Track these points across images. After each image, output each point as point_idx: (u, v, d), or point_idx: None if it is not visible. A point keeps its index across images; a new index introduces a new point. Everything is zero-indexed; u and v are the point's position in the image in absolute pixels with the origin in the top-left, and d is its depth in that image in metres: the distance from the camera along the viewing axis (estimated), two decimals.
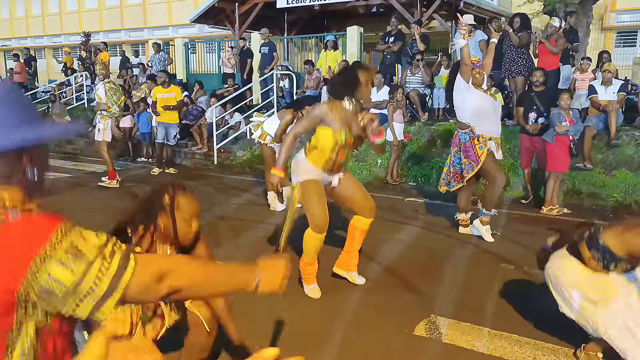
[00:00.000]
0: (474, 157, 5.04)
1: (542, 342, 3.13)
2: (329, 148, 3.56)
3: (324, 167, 3.64)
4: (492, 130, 5.10)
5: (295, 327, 3.35)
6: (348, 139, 3.55)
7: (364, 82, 3.55)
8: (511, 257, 4.80)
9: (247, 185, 8.43)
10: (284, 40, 15.10)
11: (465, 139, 5.09)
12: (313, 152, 3.64)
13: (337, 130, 3.51)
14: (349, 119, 3.56)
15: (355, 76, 3.55)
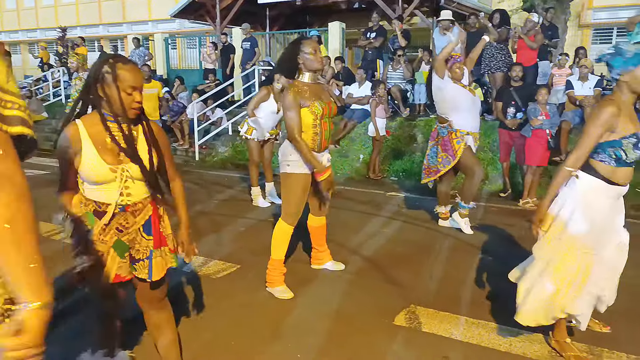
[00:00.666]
0: (452, 151, 5.12)
1: (517, 329, 3.20)
2: (311, 124, 3.57)
3: (314, 146, 3.62)
4: (470, 125, 5.16)
5: (276, 318, 3.38)
6: (324, 107, 3.57)
7: (309, 52, 3.51)
8: (489, 249, 4.89)
9: (229, 181, 8.42)
10: (266, 36, 15.07)
11: (444, 133, 5.16)
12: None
13: (310, 104, 3.53)
14: (313, 90, 3.57)
15: (297, 49, 3.54)
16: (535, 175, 6.72)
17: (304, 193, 3.68)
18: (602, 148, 2.62)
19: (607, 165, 2.62)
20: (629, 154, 2.57)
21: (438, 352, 2.97)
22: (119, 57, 2.16)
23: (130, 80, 2.11)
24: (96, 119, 2.14)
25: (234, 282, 4.02)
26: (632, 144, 2.55)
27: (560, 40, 10.32)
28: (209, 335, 3.13)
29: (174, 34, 18.99)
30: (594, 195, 2.66)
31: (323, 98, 3.62)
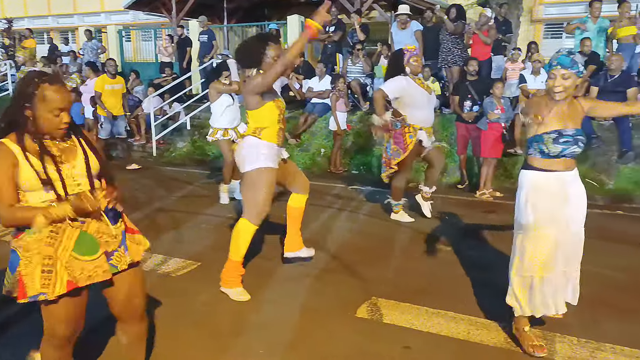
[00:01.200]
0: (403, 144, 5.22)
1: (475, 318, 3.30)
2: (276, 119, 3.57)
3: (278, 141, 3.62)
4: (423, 120, 5.27)
5: (238, 315, 3.37)
6: (283, 102, 3.63)
7: (272, 57, 3.46)
8: (448, 239, 5.00)
9: (188, 177, 8.29)
10: (224, 29, 14.86)
11: (397, 126, 5.24)
12: (265, 131, 3.57)
13: (276, 99, 3.54)
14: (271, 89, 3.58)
15: (262, 50, 3.48)
16: (490, 167, 6.91)
17: (271, 189, 3.62)
18: (530, 143, 2.87)
19: (538, 158, 2.85)
20: (550, 147, 2.77)
21: (399, 342, 3.02)
22: (44, 76, 2.08)
23: (57, 102, 2.05)
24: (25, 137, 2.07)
25: (195, 280, 3.97)
26: (552, 138, 2.76)
27: (513, 35, 10.60)
28: (170, 335, 3.09)
29: (128, 26, 18.48)
30: (538, 185, 2.85)
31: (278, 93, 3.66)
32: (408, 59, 5.19)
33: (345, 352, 2.93)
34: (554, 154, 2.78)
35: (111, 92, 8.76)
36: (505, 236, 4.81)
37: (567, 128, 2.78)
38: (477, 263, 4.34)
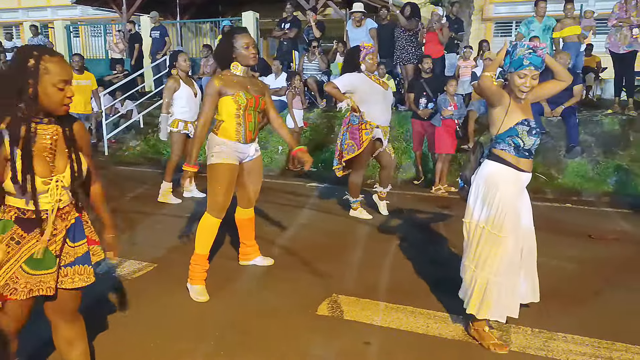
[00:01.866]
0: (358, 140, 5.24)
1: (433, 312, 3.36)
2: (233, 114, 3.53)
3: (237, 137, 3.57)
4: (380, 119, 5.30)
5: (197, 317, 3.31)
6: (249, 99, 3.53)
7: (241, 46, 3.49)
8: (405, 235, 5.07)
9: (142, 176, 8.09)
10: (177, 25, 14.56)
11: (355, 121, 5.26)
12: (221, 126, 3.57)
13: (235, 93, 3.49)
14: (242, 82, 3.55)
15: (231, 43, 3.52)
16: (445, 162, 7.05)
17: (230, 184, 3.59)
18: (502, 138, 2.84)
19: (509, 153, 2.84)
20: (526, 140, 2.79)
21: (360, 338, 3.04)
22: (43, 49, 1.98)
23: (61, 74, 1.96)
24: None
25: (151, 282, 3.87)
26: (525, 130, 2.79)
27: (465, 33, 10.84)
28: (125, 340, 3.00)
29: (76, 21, 17.83)
30: (499, 178, 2.84)
31: (251, 90, 3.58)
32: (364, 56, 5.22)
33: (306, 350, 2.92)
34: (529, 146, 2.81)
35: (77, 89, 8.30)
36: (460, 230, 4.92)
37: (530, 118, 2.82)
38: (434, 257, 4.42)
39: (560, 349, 2.91)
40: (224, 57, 3.60)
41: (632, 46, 7.84)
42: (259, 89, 3.67)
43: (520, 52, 2.80)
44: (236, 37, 3.51)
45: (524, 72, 2.79)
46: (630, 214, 6.02)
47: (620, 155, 7.31)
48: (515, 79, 2.82)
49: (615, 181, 7.12)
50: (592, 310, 3.44)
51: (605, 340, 2.99)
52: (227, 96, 3.51)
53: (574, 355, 2.85)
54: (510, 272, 2.86)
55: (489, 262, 2.84)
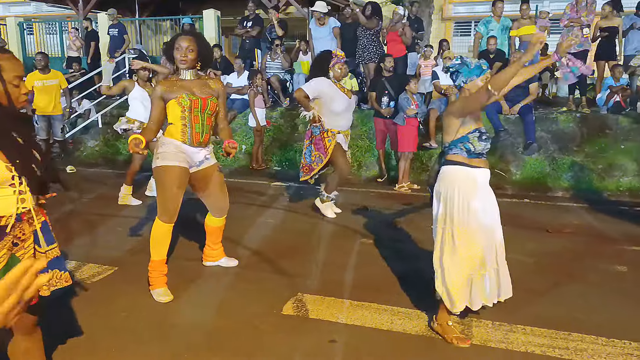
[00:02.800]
0: (323, 149, 5.29)
1: (397, 308, 3.40)
2: (178, 116, 3.48)
3: (182, 138, 3.50)
4: (342, 125, 5.36)
5: (161, 319, 3.25)
6: (193, 99, 3.47)
7: (175, 48, 3.45)
8: (369, 232, 5.11)
9: (101, 177, 7.89)
10: (136, 22, 14.24)
11: (316, 132, 5.30)
12: (168, 127, 3.55)
13: (178, 96, 3.45)
14: (187, 85, 3.50)
15: (172, 44, 3.49)
16: (407, 160, 7.14)
17: (179, 188, 3.49)
18: (454, 144, 2.95)
19: (461, 155, 2.96)
20: (476, 145, 2.92)
21: (325, 336, 3.05)
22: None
23: (15, 70, 1.92)
24: None
25: (112, 285, 3.78)
26: (477, 136, 2.92)
27: (425, 32, 11.00)
28: (86, 346, 2.92)
29: (30, 18, 17.23)
30: (455, 177, 2.95)
31: (196, 92, 3.51)
32: (334, 64, 5.24)
33: (272, 350, 2.91)
34: (479, 151, 2.93)
35: (43, 89, 7.95)
36: (424, 227, 5.00)
37: (482, 127, 2.96)
38: (398, 254, 4.47)
39: (520, 341, 2.99)
40: (168, 58, 3.60)
41: (583, 45, 8.13)
42: (211, 90, 3.58)
43: (474, 62, 2.99)
44: (175, 40, 3.48)
45: (486, 76, 2.94)
46: (585, 208, 6.24)
47: (575, 152, 7.56)
48: (479, 83, 2.93)
49: (571, 177, 7.37)
50: (550, 302, 3.55)
51: (562, 332, 3.09)
52: (171, 100, 3.47)
53: (533, 347, 2.93)
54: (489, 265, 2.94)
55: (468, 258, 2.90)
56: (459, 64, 3.00)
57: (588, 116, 7.91)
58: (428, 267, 3.27)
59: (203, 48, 3.55)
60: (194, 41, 3.46)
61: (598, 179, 7.25)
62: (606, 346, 2.94)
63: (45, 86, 7.96)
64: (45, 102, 7.99)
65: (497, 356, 2.87)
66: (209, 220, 3.97)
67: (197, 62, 3.52)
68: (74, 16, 14.28)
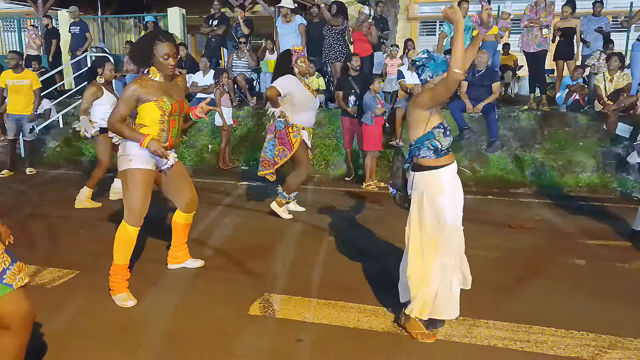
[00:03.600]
0: (289, 145, 5.28)
1: (364, 305, 3.42)
2: (157, 119, 3.41)
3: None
4: (306, 122, 5.36)
5: (125, 323, 3.19)
6: (174, 104, 3.43)
7: (162, 55, 3.36)
8: (337, 230, 5.13)
9: (62, 179, 7.69)
10: (98, 20, 13.94)
11: (281, 127, 5.28)
12: (142, 130, 3.43)
13: (158, 99, 3.38)
14: (164, 87, 3.44)
15: (151, 49, 3.38)
16: (373, 159, 7.20)
17: (148, 190, 3.46)
18: (421, 143, 2.96)
19: (430, 159, 2.96)
20: (442, 142, 2.95)
21: (292, 336, 3.05)
22: None
23: None
24: None
25: (73, 289, 3.69)
26: (441, 132, 2.94)
27: (391, 32, 11.10)
28: (48, 352, 2.84)
29: None
30: (429, 184, 2.97)
31: (174, 95, 3.48)
32: (296, 60, 5.25)
33: (239, 351, 2.89)
34: (445, 147, 2.96)
35: (14, 89, 7.72)
36: (391, 225, 5.06)
37: (444, 121, 3.00)
38: (365, 252, 4.50)
39: (483, 335, 3.05)
40: (141, 59, 3.48)
41: (542, 45, 8.36)
42: (181, 91, 3.58)
43: (442, 57, 3.02)
44: (157, 44, 3.37)
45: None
46: (547, 203, 6.41)
47: (536, 149, 7.76)
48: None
49: (532, 173, 7.56)
50: (512, 296, 3.64)
51: (523, 325, 3.17)
52: (149, 102, 3.38)
53: (495, 340, 3.00)
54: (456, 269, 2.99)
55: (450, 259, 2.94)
56: (425, 58, 3.01)
57: (548, 114, 8.13)
58: (394, 265, 3.32)
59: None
60: (175, 46, 3.45)
61: (558, 175, 7.47)
62: (565, 338, 3.03)
63: (16, 85, 7.75)
64: (16, 102, 7.80)
65: (461, 351, 2.93)
66: (177, 217, 3.92)
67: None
68: (33, 13, 13.87)
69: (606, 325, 3.15)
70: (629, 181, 7.14)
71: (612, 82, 7.49)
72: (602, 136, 7.57)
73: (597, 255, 4.48)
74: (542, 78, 8.88)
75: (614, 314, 3.34)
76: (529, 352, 2.89)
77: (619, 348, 2.92)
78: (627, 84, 7.46)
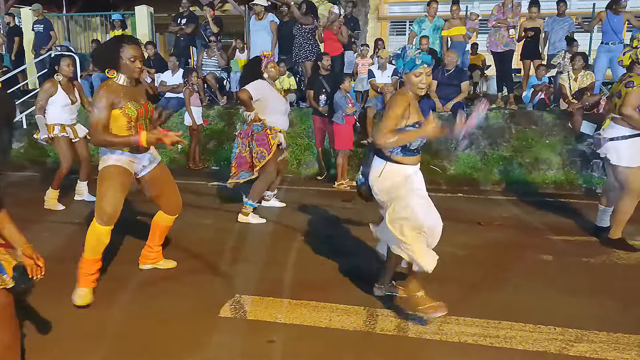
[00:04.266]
0: (267, 146, 5.23)
1: (336, 305, 3.41)
2: (124, 126, 3.35)
3: (130, 149, 3.41)
4: (281, 124, 5.36)
5: (92, 328, 3.11)
6: (139, 109, 3.37)
7: (129, 58, 3.31)
8: (309, 230, 5.12)
9: (25, 181, 7.47)
10: (63, 18, 13.60)
11: (259, 129, 5.23)
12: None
13: (124, 106, 3.31)
14: (129, 92, 3.38)
15: (117, 51, 3.31)
16: (344, 158, 7.21)
17: (122, 191, 3.39)
18: None
19: (400, 156, 3.05)
20: (413, 143, 3.00)
21: (264, 337, 3.02)
22: None
23: None
24: None
25: (36, 295, 3.57)
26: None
27: (361, 31, 11.15)
28: None
29: None
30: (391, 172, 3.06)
31: (139, 99, 3.42)
32: (266, 65, 5.23)
33: (209, 354, 2.85)
34: (415, 147, 3.02)
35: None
36: (362, 223, 5.06)
37: (421, 120, 3.03)
38: (337, 251, 4.49)
39: (454, 332, 3.08)
40: (106, 62, 3.39)
41: (509, 45, 8.52)
42: (144, 93, 3.54)
43: (410, 54, 3.04)
44: (124, 47, 3.30)
45: (419, 71, 3.00)
46: (515, 200, 6.53)
47: (504, 147, 7.89)
48: (412, 78, 3.02)
49: (501, 171, 7.69)
50: (482, 292, 3.69)
51: (493, 320, 3.21)
52: (116, 109, 3.31)
53: (466, 337, 3.03)
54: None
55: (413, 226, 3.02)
56: (395, 56, 3.11)
57: (515, 113, 8.28)
58: (366, 263, 3.33)
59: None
60: (140, 49, 3.41)
61: (526, 172, 7.61)
62: (533, 332, 3.08)
63: None
64: None
65: (432, 348, 2.95)
66: (159, 218, 3.86)
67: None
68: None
69: (572, 319, 3.22)
70: (594, 178, 7.33)
71: (576, 82, 7.67)
72: (568, 134, 7.75)
73: (564, 251, 4.58)
74: (510, 77, 9.04)
75: (580, 308, 3.42)
76: (499, 347, 2.93)
77: (585, 341, 2.98)
78: (590, 83, 7.64)
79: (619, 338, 3.02)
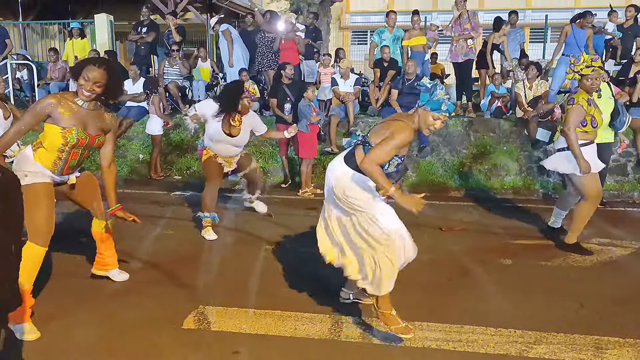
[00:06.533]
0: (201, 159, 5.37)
1: (301, 313, 3.42)
2: (57, 147, 3.20)
3: (53, 169, 3.26)
4: (218, 150, 5.17)
5: (50, 344, 3.01)
6: (81, 138, 3.21)
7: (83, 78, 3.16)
8: (273, 239, 5.10)
9: None
10: (19, 26, 13.22)
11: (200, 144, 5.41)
12: (40, 150, 3.24)
13: (67, 128, 3.16)
14: (83, 116, 3.23)
15: (81, 68, 3.20)
16: (309, 166, 7.24)
17: (50, 204, 3.24)
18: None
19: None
20: (390, 168, 3.07)
21: (228, 348, 2.99)
22: None
23: None
24: None
25: None
26: (395, 163, 3.07)
27: (324, 41, 11.24)
28: None
29: None
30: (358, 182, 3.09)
31: (90, 128, 3.25)
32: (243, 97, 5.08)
33: None
34: (389, 172, 3.08)
35: None
36: None
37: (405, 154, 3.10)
38: (302, 259, 4.49)
39: (417, 337, 3.12)
40: (73, 77, 3.31)
41: (468, 55, 8.76)
42: (104, 125, 3.35)
43: (439, 95, 3.05)
44: (86, 68, 3.16)
45: (438, 116, 3.02)
46: (474, 206, 6.69)
47: (463, 154, 8.08)
48: (428, 117, 3.02)
49: (460, 177, 7.86)
50: (444, 297, 3.76)
51: (455, 325, 3.28)
52: (57, 127, 3.16)
53: (429, 342, 3.08)
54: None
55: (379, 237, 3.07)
56: (425, 88, 3.09)
57: (474, 120, 8.49)
58: (330, 272, 3.34)
59: (113, 84, 3.26)
60: (105, 76, 3.18)
61: (485, 178, 7.80)
62: (494, 335, 3.16)
63: None
64: None
65: (397, 353, 2.99)
66: (95, 226, 3.74)
67: (101, 96, 3.27)
68: None
69: (531, 322, 3.32)
70: (549, 183, 7.58)
71: (531, 90, 7.92)
72: (524, 141, 7.99)
73: (522, 255, 4.71)
74: (469, 86, 9.28)
75: (538, 311, 3.52)
76: (461, 351, 2.99)
77: (544, 343, 3.08)
78: (544, 91, 7.91)
79: (575, 339, 3.12)
